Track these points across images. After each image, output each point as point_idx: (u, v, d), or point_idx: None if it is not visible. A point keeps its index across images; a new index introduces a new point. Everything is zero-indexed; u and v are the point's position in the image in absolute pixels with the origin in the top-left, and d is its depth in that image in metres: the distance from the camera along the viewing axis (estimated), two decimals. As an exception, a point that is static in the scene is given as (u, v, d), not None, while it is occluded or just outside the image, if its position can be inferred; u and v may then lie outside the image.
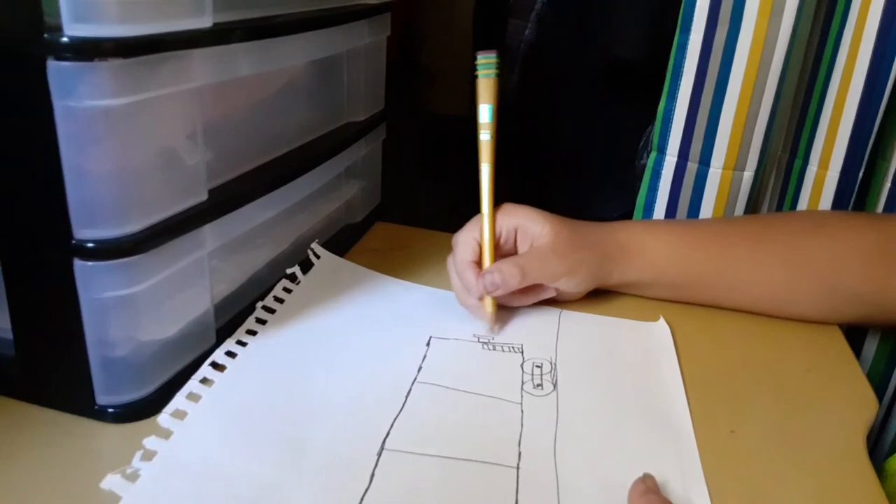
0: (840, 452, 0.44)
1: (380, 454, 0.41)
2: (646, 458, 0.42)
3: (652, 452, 0.43)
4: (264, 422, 0.43)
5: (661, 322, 0.56)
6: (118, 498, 0.36)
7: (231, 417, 0.43)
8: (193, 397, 0.43)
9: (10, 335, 0.41)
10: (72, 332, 0.40)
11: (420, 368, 0.49)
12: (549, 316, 0.57)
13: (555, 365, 0.50)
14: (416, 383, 0.47)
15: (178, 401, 0.43)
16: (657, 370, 0.50)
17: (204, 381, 0.45)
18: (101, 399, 0.42)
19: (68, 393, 0.42)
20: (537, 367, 0.50)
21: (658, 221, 0.69)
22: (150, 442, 0.39)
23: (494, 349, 0.52)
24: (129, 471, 0.37)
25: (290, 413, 0.43)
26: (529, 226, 0.55)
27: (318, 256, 0.60)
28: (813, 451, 0.44)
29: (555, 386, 0.48)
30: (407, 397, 0.46)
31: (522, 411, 0.45)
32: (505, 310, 0.56)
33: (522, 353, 0.52)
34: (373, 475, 0.39)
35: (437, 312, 0.56)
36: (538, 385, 0.48)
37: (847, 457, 0.44)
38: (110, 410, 0.42)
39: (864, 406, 0.48)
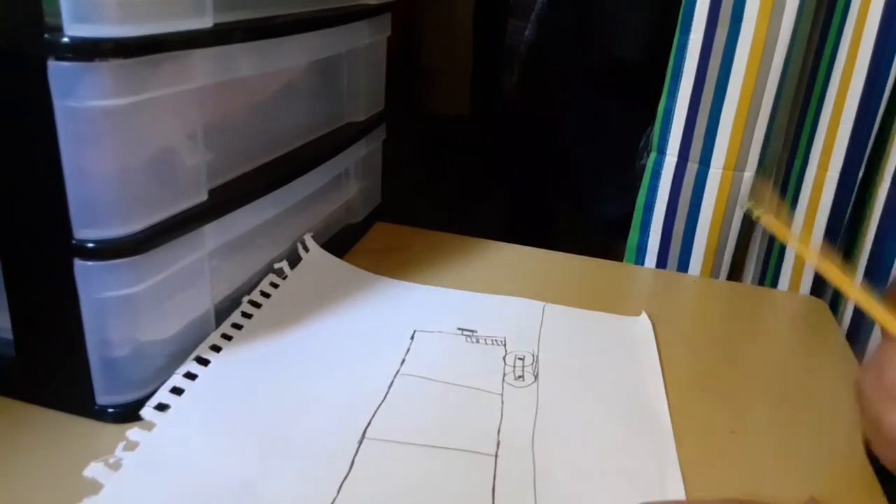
0: (840, 452, 0.44)
1: (360, 442, 0.41)
2: (622, 446, 0.43)
3: (628, 441, 0.43)
4: (247, 414, 0.43)
5: (643, 317, 0.56)
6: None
7: (214, 410, 0.43)
8: (177, 391, 0.44)
9: (10, 335, 0.41)
10: (72, 332, 0.40)
11: (403, 361, 0.49)
12: (533, 309, 0.57)
13: (537, 357, 0.51)
14: (399, 375, 0.47)
15: (162, 394, 0.43)
16: (637, 363, 0.51)
17: (188, 375, 0.45)
18: (101, 399, 0.42)
19: (68, 393, 0.42)
20: (519, 359, 0.50)
21: None
22: (133, 433, 0.40)
23: (478, 342, 0.52)
24: (111, 460, 0.38)
25: (273, 405, 0.44)
26: None
27: (306, 249, 0.60)
28: (813, 451, 0.44)
29: (536, 377, 0.48)
30: (389, 388, 0.46)
31: (503, 402, 0.46)
32: (488, 301, 0.56)
33: (505, 345, 0.52)
34: (353, 462, 0.39)
35: (421, 307, 0.56)
36: (519, 377, 0.48)
37: (847, 457, 0.44)
38: (110, 410, 0.42)
39: (863, 406, 0.48)
